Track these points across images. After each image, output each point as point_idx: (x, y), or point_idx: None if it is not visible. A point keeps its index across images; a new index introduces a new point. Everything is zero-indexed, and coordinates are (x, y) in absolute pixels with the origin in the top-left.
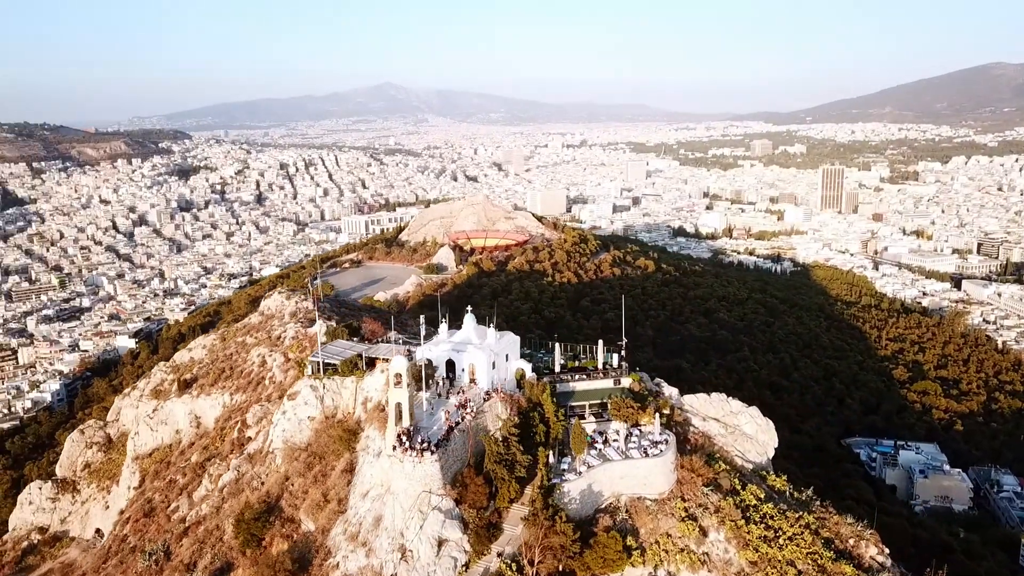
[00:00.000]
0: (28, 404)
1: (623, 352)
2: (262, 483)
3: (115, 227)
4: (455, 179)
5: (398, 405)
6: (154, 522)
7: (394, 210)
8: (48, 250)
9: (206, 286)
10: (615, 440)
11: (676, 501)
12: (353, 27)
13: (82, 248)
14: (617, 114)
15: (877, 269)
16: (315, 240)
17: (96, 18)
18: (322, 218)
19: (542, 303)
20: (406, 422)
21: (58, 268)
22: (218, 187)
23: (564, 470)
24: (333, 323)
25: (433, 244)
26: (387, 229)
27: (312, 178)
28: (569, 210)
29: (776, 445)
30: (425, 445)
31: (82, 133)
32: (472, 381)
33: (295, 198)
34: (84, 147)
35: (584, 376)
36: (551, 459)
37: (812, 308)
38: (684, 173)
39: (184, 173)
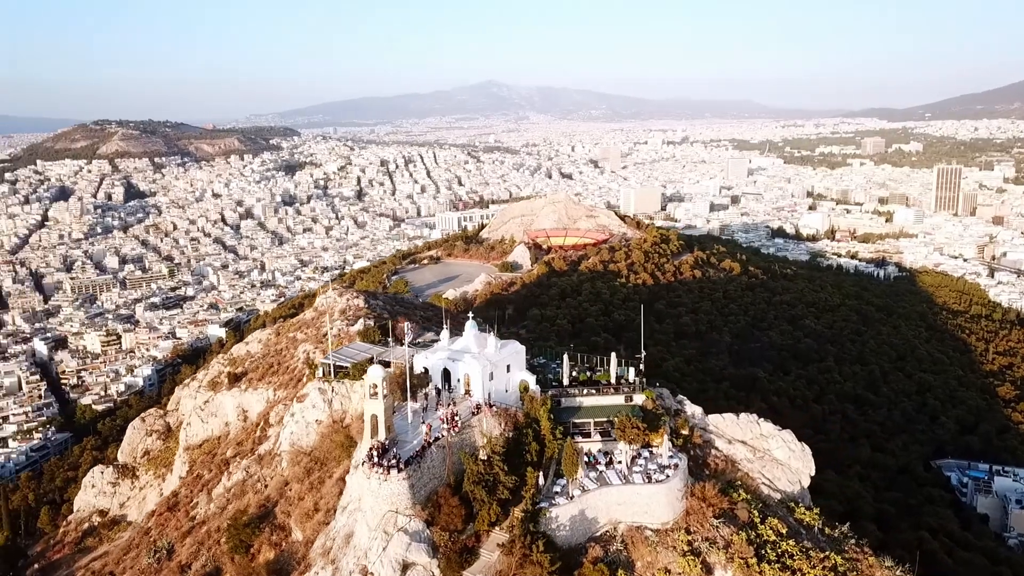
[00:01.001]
0: (122, 388)
1: (641, 366)
2: (265, 486)
3: (223, 220)
4: (549, 176)
5: (373, 417)
6: (174, 517)
7: (487, 207)
8: (162, 241)
9: (300, 278)
10: (619, 462)
11: (680, 533)
12: (459, 26)
13: (192, 239)
14: (722, 111)
15: (993, 276)
16: (409, 236)
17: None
18: (418, 214)
19: (613, 305)
20: (381, 435)
21: (169, 258)
22: (321, 182)
23: (557, 493)
24: (371, 322)
25: (511, 242)
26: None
27: (411, 175)
28: (664, 208)
29: (812, 473)
30: (394, 462)
31: (200, 130)
32: (467, 392)
33: (393, 194)
34: (201, 143)
35: (593, 391)
36: (541, 481)
37: (912, 317)
38: (788, 171)
39: (291, 169)
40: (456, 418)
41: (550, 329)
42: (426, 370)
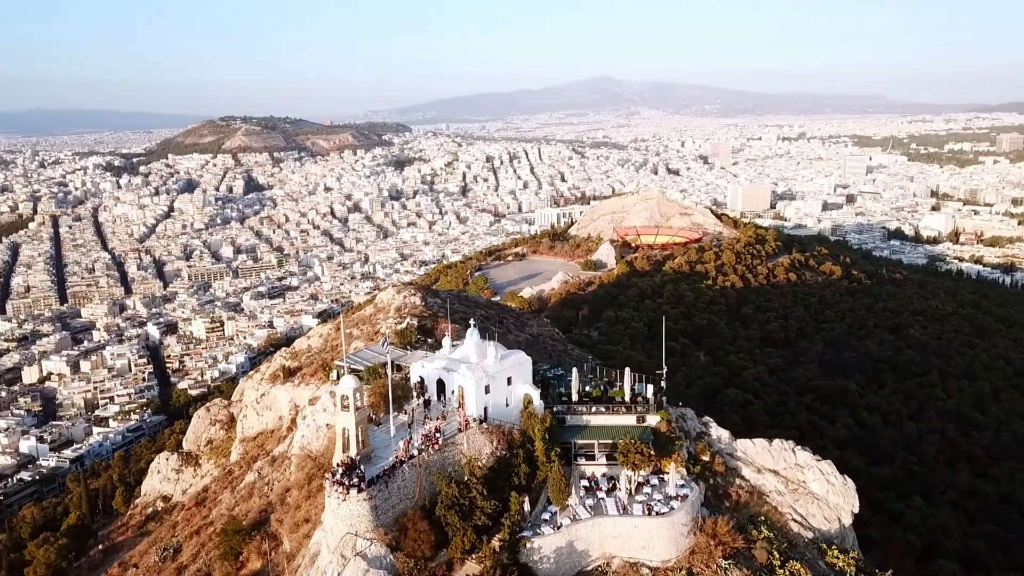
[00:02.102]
0: (216, 374)
1: (662, 383)
2: (272, 490)
3: (332, 213)
4: (655, 172)
5: (344, 431)
6: (199, 513)
7: (588, 203)
8: (274, 232)
9: (399, 271)
10: (623, 489)
11: (681, 574)
12: (571, 22)
13: (302, 231)
14: (844, 105)
15: None
16: (507, 231)
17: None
18: (519, 210)
19: (696, 308)
20: (352, 451)
21: (280, 249)
22: (428, 178)
23: (546, 521)
24: (414, 322)
25: (597, 240)
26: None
27: (515, 171)
28: (773, 206)
29: (855, 510)
30: (356, 481)
31: (317, 126)
32: (461, 406)
33: (496, 190)
34: (318, 138)
35: (603, 409)
36: (527, 507)
37: None
38: (911, 170)
39: (400, 164)
40: (438, 434)
41: (623, 332)
42: (422, 380)
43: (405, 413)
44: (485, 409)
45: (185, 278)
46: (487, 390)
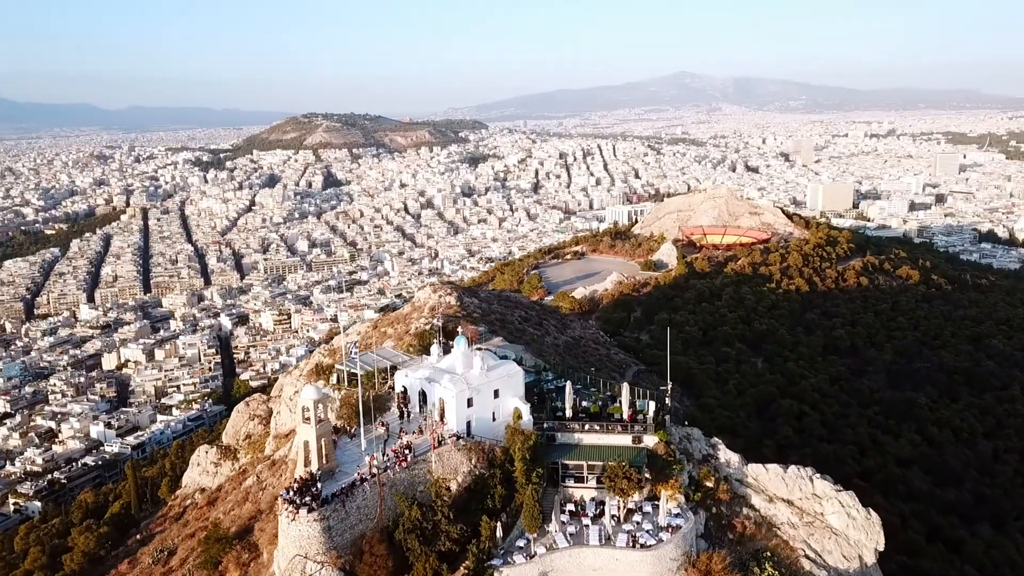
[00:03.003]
0: (276, 366)
1: (667, 400)
2: (263, 496)
3: (406, 209)
4: (733, 169)
5: (305, 444)
6: (208, 512)
7: (661, 200)
8: (349, 227)
9: (464, 267)
10: (613, 516)
11: None
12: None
13: (376, 226)
14: (938, 101)
15: None
16: (576, 229)
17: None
18: (590, 207)
19: (756, 313)
20: (313, 466)
21: (353, 243)
22: (501, 174)
23: (520, 548)
24: (439, 324)
25: (660, 238)
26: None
27: (587, 167)
28: (856, 206)
29: (880, 548)
30: (307, 500)
31: (396, 122)
32: (443, 419)
33: (568, 187)
34: (395, 135)
35: (597, 427)
36: (499, 532)
37: None
38: (1009, 168)
39: (474, 161)
40: (408, 451)
41: (676, 336)
42: (405, 390)
43: (383, 425)
44: (468, 424)
45: (261, 270)
46: (470, 403)
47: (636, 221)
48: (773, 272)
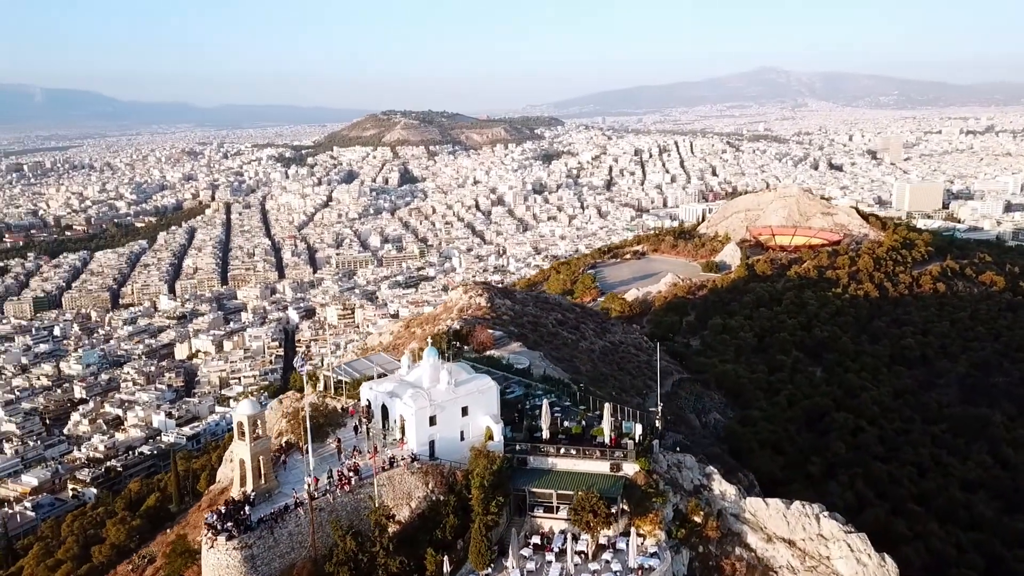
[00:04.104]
0: (333, 360)
1: (656, 423)
2: None
3: (477, 205)
4: (815, 168)
5: (241, 463)
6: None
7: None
8: (421, 223)
9: (530, 265)
10: (571, 553)
11: None
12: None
13: (447, 223)
14: None
15: None
16: (647, 227)
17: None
18: (664, 205)
19: (818, 319)
20: (248, 486)
21: (424, 240)
22: (574, 172)
23: None
24: (457, 326)
25: (725, 239)
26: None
27: (663, 164)
28: (946, 206)
29: None
30: (228, 526)
31: (472, 120)
32: (403, 437)
33: (642, 184)
34: (472, 132)
35: (573, 451)
36: (446, 568)
37: None
38: None
39: (548, 158)
40: (352, 473)
41: (730, 342)
42: (369, 404)
43: (337, 441)
44: (432, 443)
45: (333, 265)
46: (432, 421)
47: (701, 220)
48: (840, 276)
